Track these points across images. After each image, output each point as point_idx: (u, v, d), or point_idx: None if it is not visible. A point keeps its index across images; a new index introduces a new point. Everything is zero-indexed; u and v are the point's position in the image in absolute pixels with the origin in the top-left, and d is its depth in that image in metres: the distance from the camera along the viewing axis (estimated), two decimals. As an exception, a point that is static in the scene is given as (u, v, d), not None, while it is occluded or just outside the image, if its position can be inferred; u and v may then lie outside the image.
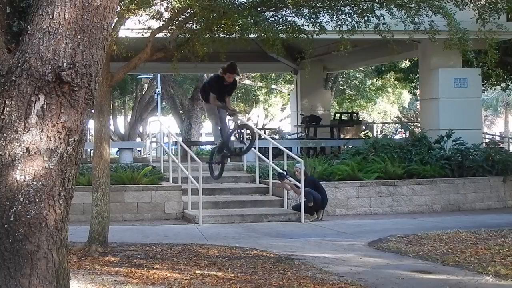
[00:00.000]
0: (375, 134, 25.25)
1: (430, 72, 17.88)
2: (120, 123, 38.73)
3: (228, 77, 10.34)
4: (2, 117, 4.22)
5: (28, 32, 4.28)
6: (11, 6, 4.50)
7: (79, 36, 4.29)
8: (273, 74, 33.88)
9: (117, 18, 9.70)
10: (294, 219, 13.47)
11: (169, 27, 10.54)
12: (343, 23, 10.98)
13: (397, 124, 37.11)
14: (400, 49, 12.18)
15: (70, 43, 4.26)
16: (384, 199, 14.95)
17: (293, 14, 11.05)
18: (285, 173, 13.97)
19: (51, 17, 4.24)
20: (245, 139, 11.13)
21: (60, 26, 4.25)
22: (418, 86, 23.59)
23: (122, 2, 9.72)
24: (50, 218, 4.27)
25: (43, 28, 4.24)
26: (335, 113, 27.65)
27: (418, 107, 27.67)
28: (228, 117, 10.80)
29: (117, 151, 20.09)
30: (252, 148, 16.66)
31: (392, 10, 11.01)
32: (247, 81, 34.33)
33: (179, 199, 14.15)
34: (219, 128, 10.73)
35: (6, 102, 4.22)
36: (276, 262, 8.79)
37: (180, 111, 32.00)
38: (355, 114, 26.07)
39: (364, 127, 25.73)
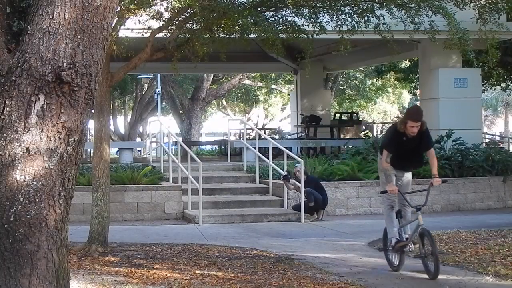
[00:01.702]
0: (375, 134, 25.25)
1: (430, 72, 17.85)
2: (120, 123, 38.72)
3: (410, 128, 7.93)
4: (2, 117, 4.22)
5: (28, 32, 4.27)
6: (11, 6, 4.51)
7: (79, 36, 4.29)
8: (273, 74, 33.87)
9: (117, 18, 9.70)
10: (294, 219, 13.46)
11: (169, 27, 10.54)
12: (343, 23, 10.98)
13: (397, 124, 37.00)
14: (400, 49, 12.17)
15: (70, 43, 4.26)
16: (384, 199, 14.91)
17: (293, 14, 11.04)
18: (288, 174, 14.00)
19: (51, 17, 4.24)
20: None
21: (60, 26, 4.25)
22: (418, 86, 23.57)
23: (122, 2, 9.72)
24: (50, 218, 4.26)
25: (43, 28, 4.24)
26: (335, 113, 27.63)
27: (418, 107, 27.59)
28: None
29: (117, 151, 20.08)
30: (252, 148, 16.73)
31: (392, 10, 11.01)
32: (247, 81, 34.34)
33: (179, 199, 14.13)
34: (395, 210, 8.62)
35: (6, 102, 4.22)
36: (276, 262, 8.79)
37: (180, 111, 31.99)
38: (355, 114, 26.05)
39: (364, 127, 25.72)
